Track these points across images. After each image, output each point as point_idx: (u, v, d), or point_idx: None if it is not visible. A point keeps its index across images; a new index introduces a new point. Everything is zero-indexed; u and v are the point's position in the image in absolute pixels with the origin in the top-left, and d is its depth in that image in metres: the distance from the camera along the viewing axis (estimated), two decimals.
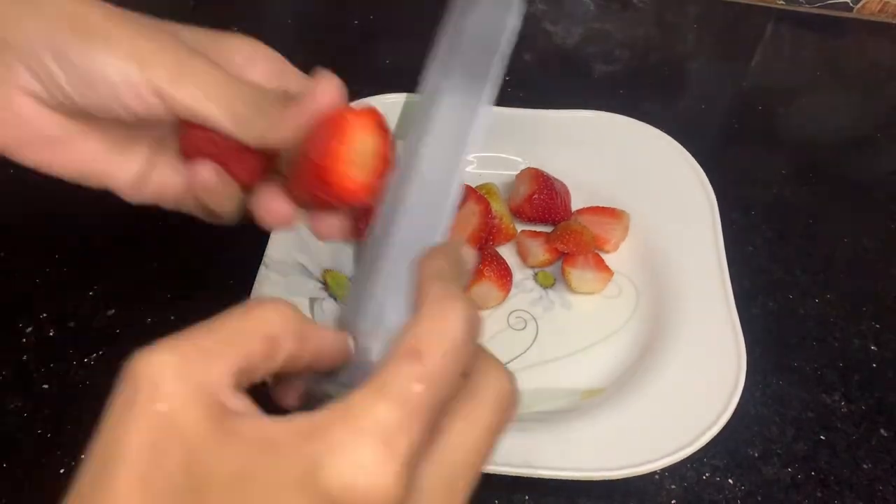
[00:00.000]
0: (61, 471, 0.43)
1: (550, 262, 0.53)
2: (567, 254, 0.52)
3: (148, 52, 0.30)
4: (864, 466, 0.46)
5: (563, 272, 0.52)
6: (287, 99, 0.31)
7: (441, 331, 0.22)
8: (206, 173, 0.32)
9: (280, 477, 0.19)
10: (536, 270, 0.53)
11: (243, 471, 0.19)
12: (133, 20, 0.31)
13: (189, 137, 0.33)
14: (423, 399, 0.21)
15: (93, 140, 0.33)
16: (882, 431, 0.48)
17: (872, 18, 0.81)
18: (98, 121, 0.32)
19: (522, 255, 0.54)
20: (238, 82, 0.31)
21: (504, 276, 0.50)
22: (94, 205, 0.57)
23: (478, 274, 0.49)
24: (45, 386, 0.47)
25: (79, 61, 0.29)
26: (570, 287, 0.52)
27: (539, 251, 0.53)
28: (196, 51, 0.31)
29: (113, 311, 0.51)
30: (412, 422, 0.20)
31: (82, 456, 0.43)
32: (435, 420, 0.21)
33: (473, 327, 0.23)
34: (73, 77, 0.30)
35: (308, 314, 0.47)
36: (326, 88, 0.31)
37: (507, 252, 0.53)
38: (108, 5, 0.30)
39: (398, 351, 0.22)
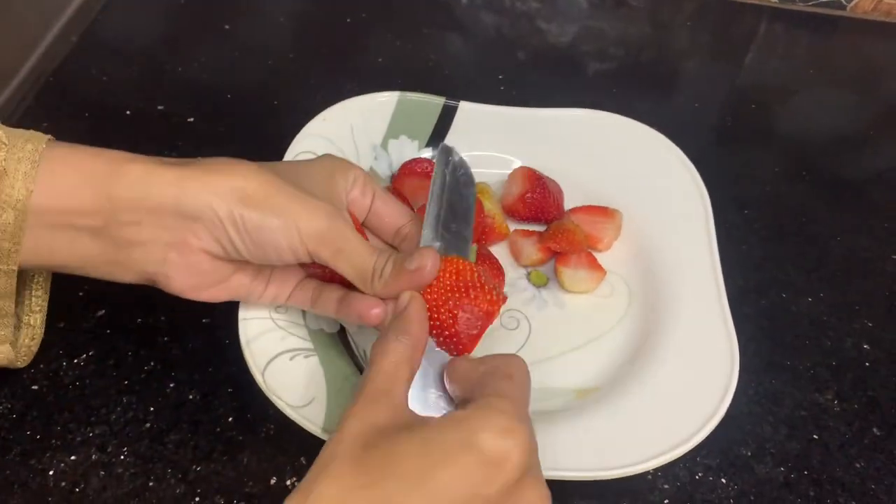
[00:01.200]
0: (51, 472, 0.43)
1: (543, 262, 0.53)
2: (560, 253, 0.52)
3: (305, 220, 0.38)
4: (857, 465, 0.46)
5: (555, 271, 0.52)
6: (400, 263, 0.39)
7: (519, 365, 0.36)
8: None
9: (450, 444, 0.30)
10: (529, 270, 0.53)
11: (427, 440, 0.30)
12: (282, 188, 0.38)
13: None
14: (521, 397, 0.34)
15: (244, 275, 0.42)
16: (875, 430, 0.48)
17: (865, 17, 0.82)
18: (246, 262, 0.40)
19: (515, 255, 0.54)
20: (367, 249, 0.40)
21: (497, 275, 0.50)
22: None
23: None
24: (35, 387, 0.47)
25: (253, 229, 0.38)
26: (563, 286, 0.52)
27: (532, 250, 0.53)
28: (336, 212, 0.39)
29: (103, 311, 0.50)
30: (522, 409, 0.33)
31: (72, 457, 0.43)
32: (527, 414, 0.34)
33: (525, 365, 0.37)
34: (247, 240, 0.38)
35: (299, 314, 0.46)
36: (431, 267, 0.39)
37: (499, 251, 0.53)
38: (263, 175, 0.38)
39: (497, 375, 0.35)
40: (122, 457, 0.44)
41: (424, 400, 0.38)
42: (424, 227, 0.43)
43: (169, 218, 0.37)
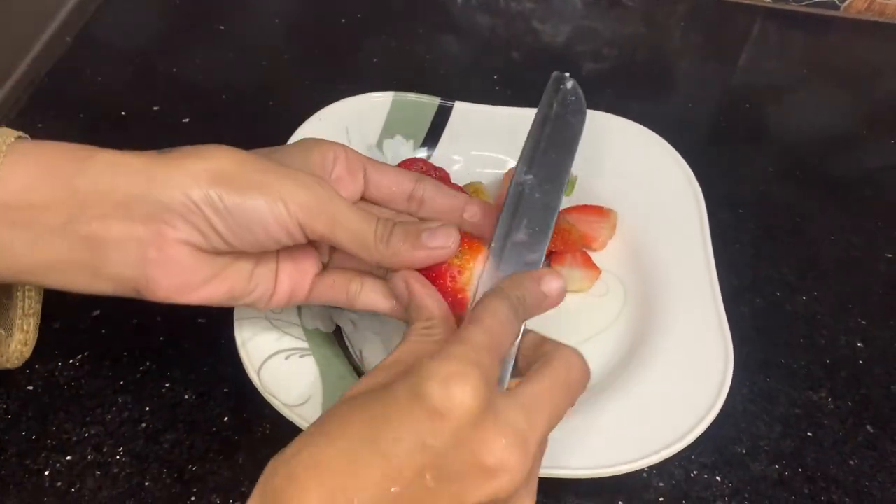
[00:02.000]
0: (46, 473, 0.43)
1: None
2: (555, 252, 0.52)
3: (289, 193, 0.35)
4: (851, 462, 0.46)
5: None
6: (417, 235, 0.38)
7: (490, 306, 0.34)
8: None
9: (399, 396, 0.29)
10: None
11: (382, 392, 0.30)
12: (262, 164, 0.36)
13: None
14: (484, 342, 0.31)
15: (234, 272, 0.38)
16: (868, 428, 0.48)
17: (859, 17, 0.82)
18: (239, 253, 0.37)
19: None
20: (361, 213, 0.37)
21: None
22: None
23: None
24: (30, 387, 0.47)
25: (234, 209, 0.34)
26: None
27: None
28: (320, 180, 0.37)
29: (98, 311, 0.50)
30: (480, 354, 0.30)
31: (68, 457, 0.43)
32: (497, 358, 0.32)
33: (515, 306, 0.34)
34: (230, 222, 0.35)
35: (295, 314, 0.46)
36: (444, 243, 0.38)
37: None
38: (239, 156, 0.36)
39: (464, 322, 0.33)
40: (117, 457, 0.44)
41: None
42: (518, 161, 0.41)
43: (140, 209, 0.34)
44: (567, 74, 0.46)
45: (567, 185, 0.42)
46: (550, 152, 0.41)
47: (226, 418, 0.46)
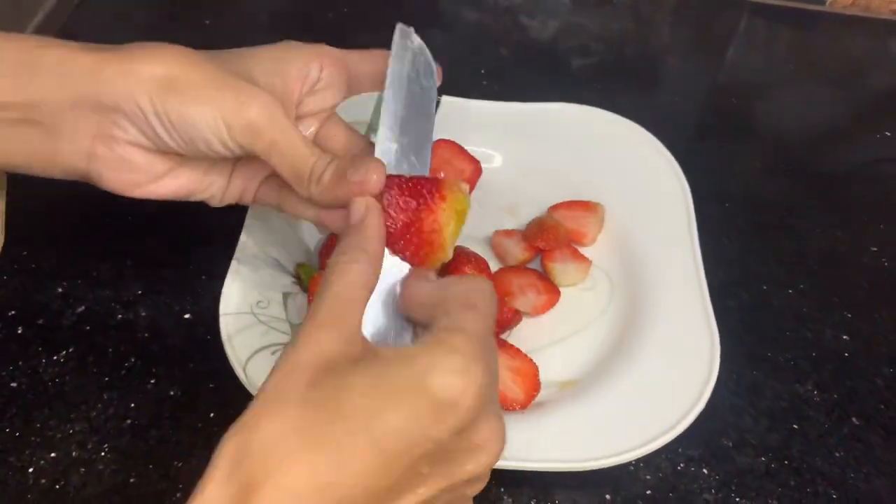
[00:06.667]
0: (30, 470, 0.43)
1: (529, 260, 0.53)
2: (544, 251, 0.52)
3: (232, 110, 0.35)
4: (836, 454, 0.46)
5: (545, 268, 0.52)
6: (343, 170, 0.36)
7: (483, 291, 0.32)
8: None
9: (399, 384, 0.27)
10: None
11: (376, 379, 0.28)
12: (213, 74, 0.36)
13: None
14: (482, 329, 0.30)
15: (192, 169, 0.39)
16: (854, 420, 0.48)
17: (844, 12, 0.82)
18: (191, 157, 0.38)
19: (500, 256, 0.53)
20: (306, 146, 0.37)
21: (483, 271, 0.50)
22: (62, 201, 0.56)
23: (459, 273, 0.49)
24: (14, 384, 0.46)
25: (177, 122, 0.35)
26: (554, 281, 0.51)
27: (517, 250, 0.52)
28: (272, 101, 0.36)
29: (82, 307, 0.50)
30: (480, 345, 0.29)
31: (52, 454, 0.43)
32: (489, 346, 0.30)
33: (493, 290, 0.32)
34: (173, 133, 0.36)
35: (281, 309, 0.46)
36: (376, 182, 0.35)
37: (484, 253, 0.53)
38: (191, 60, 0.36)
39: (458, 304, 0.31)
40: (102, 453, 0.43)
41: (377, 320, 0.34)
42: (381, 126, 0.38)
43: (89, 109, 0.35)
44: (411, 30, 0.43)
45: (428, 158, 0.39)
46: (410, 121, 0.38)
47: (212, 414, 0.46)
